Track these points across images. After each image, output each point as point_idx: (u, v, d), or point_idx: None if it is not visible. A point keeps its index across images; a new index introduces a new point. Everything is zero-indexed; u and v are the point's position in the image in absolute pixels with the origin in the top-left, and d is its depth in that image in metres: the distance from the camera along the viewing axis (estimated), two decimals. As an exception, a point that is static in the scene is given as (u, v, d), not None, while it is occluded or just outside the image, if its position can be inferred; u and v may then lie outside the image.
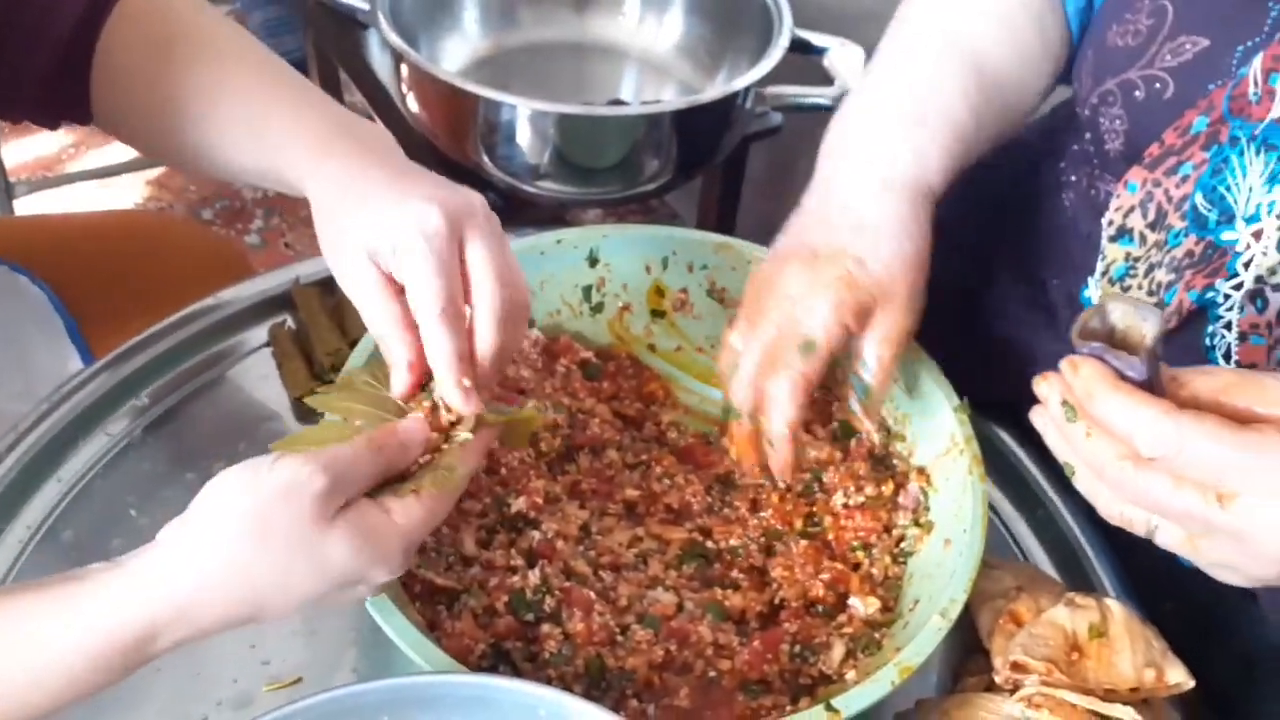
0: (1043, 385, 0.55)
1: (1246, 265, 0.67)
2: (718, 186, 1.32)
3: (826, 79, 1.14)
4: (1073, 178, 0.84)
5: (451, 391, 0.60)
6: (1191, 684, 0.65)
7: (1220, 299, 0.68)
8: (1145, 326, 0.52)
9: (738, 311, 0.74)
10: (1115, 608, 0.69)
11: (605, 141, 1.05)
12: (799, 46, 1.14)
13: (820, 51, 1.15)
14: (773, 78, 1.10)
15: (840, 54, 1.14)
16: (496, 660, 0.67)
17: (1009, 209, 0.87)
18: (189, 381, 0.89)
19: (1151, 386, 0.52)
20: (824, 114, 1.39)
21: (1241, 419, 0.51)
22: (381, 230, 0.60)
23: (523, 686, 0.55)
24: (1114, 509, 0.55)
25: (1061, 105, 0.88)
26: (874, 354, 0.71)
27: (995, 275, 0.90)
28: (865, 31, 1.10)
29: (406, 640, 0.61)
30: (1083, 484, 0.56)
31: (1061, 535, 0.85)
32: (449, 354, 0.59)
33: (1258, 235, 0.66)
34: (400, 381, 0.62)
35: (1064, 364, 0.54)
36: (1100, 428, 0.53)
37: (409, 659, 0.61)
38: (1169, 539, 0.54)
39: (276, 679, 0.71)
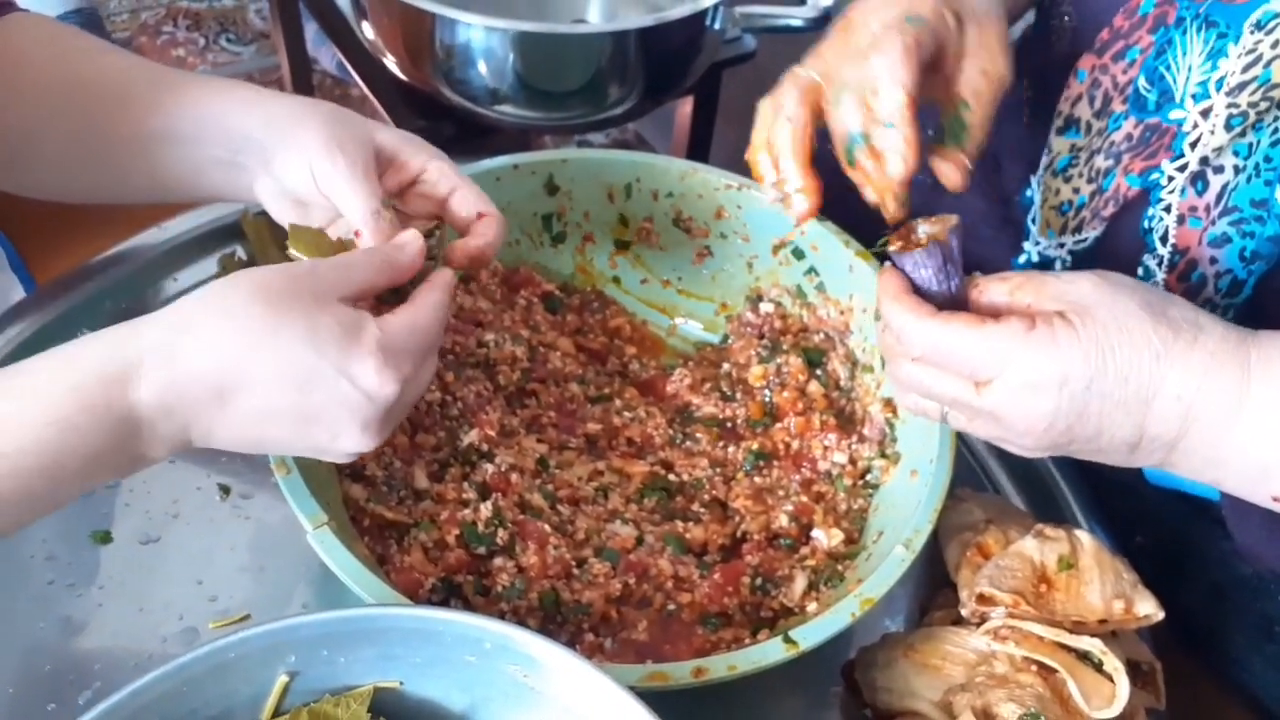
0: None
1: (1193, 145, 0.66)
2: (690, 117, 1.29)
3: (798, -1, 1.10)
4: (1030, 94, 0.82)
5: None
6: (1161, 616, 0.64)
7: (1164, 181, 0.67)
8: (941, 228, 0.60)
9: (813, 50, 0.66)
10: (1085, 539, 0.67)
11: (567, 63, 1.01)
12: (770, -36, 1.10)
13: (792, -30, 1.12)
14: (742, -3, 1.07)
15: (813, -28, 1.11)
16: (448, 594, 0.65)
17: None
18: (135, 314, 0.85)
19: (951, 291, 0.60)
20: (798, 40, 1.35)
21: (1026, 315, 0.57)
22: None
23: (466, 619, 0.52)
24: (908, 400, 0.62)
25: (1028, 28, 0.86)
26: (972, 84, 0.64)
27: (963, 196, 0.88)
28: (839, -50, 1.07)
29: (349, 573, 0.58)
30: (891, 382, 0.63)
31: (1033, 469, 0.83)
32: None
33: (1205, 113, 0.65)
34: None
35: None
36: (888, 328, 0.60)
37: (358, 595, 0.59)
38: (955, 422, 0.61)
39: (224, 615, 0.69)
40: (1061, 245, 0.75)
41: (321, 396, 0.54)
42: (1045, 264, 0.77)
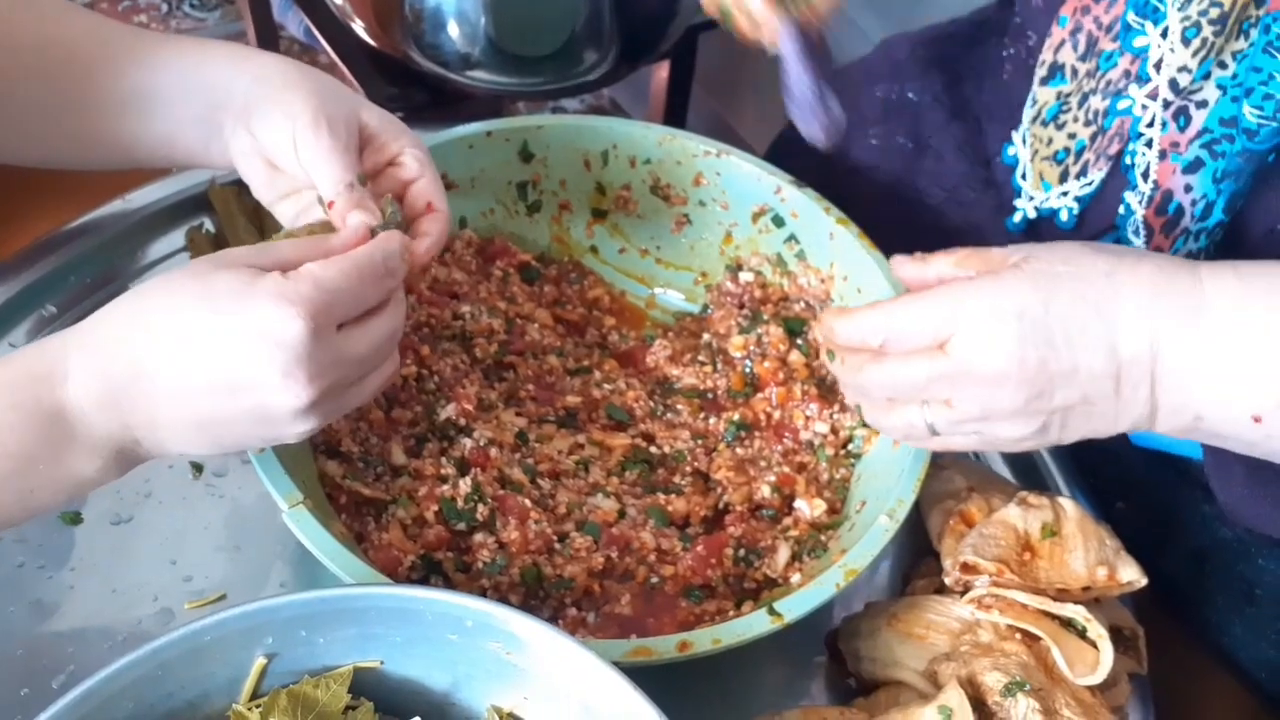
0: (823, 354, 0.65)
1: (1157, 66, 0.66)
2: (666, 82, 1.27)
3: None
4: (1010, 50, 0.81)
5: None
6: (1144, 582, 0.64)
7: (1138, 109, 0.67)
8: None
9: None
10: (1068, 506, 0.67)
11: (541, 26, 0.98)
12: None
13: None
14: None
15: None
16: (428, 572, 0.64)
17: (955, 90, 0.84)
18: (100, 290, 0.84)
19: (820, 86, 0.65)
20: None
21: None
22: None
23: (446, 596, 0.52)
24: (893, 420, 0.61)
25: None
26: None
27: (945, 159, 0.87)
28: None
29: (326, 552, 0.57)
30: (869, 416, 0.64)
31: (1014, 435, 0.83)
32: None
33: (1165, 33, 0.65)
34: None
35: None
36: (848, 351, 0.61)
37: (336, 574, 0.58)
38: (943, 427, 0.60)
39: (200, 595, 0.68)
40: (1065, 194, 0.73)
41: (229, 353, 0.53)
42: (1044, 218, 0.76)
